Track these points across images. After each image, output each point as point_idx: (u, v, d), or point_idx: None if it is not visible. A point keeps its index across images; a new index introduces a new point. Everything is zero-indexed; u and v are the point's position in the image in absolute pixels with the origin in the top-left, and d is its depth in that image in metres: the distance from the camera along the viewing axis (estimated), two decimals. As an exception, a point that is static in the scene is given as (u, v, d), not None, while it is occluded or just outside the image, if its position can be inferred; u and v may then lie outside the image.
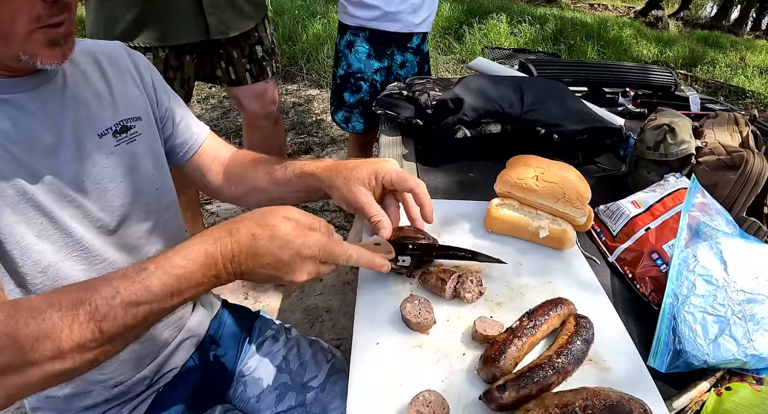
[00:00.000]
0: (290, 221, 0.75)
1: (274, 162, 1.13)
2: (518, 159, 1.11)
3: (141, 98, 1.06)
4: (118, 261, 0.98)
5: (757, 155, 1.14)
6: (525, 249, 1.02)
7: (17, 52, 0.78)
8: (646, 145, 1.29)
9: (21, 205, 0.83)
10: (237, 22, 1.97)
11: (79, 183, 0.91)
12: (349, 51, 2.14)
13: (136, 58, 1.09)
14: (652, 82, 2.16)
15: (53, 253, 0.88)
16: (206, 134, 1.21)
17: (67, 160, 0.90)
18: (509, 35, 7.27)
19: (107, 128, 0.97)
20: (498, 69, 1.93)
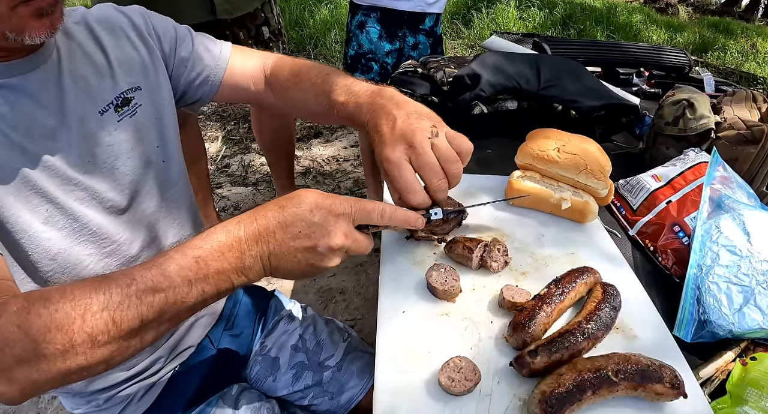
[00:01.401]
0: (314, 191, 0.70)
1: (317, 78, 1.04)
2: (539, 132, 1.11)
3: (138, 59, 1.01)
4: (130, 240, 0.96)
5: (776, 130, 1.14)
6: (546, 221, 1.02)
7: (3, 31, 0.74)
8: (665, 120, 1.28)
9: (24, 193, 0.81)
10: (243, 2, 1.96)
11: (84, 164, 0.89)
12: (360, 31, 2.12)
13: (130, 15, 1.03)
14: (666, 62, 2.15)
15: (61, 239, 0.86)
16: (228, 54, 1.11)
17: (70, 142, 0.87)
18: (518, 20, 7.22)
19: (108, 103, 0.93)
20: (512, 47, 1.91)
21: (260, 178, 3.28)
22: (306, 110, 1.07)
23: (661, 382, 0.65)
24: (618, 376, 0.64)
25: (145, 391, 1.08)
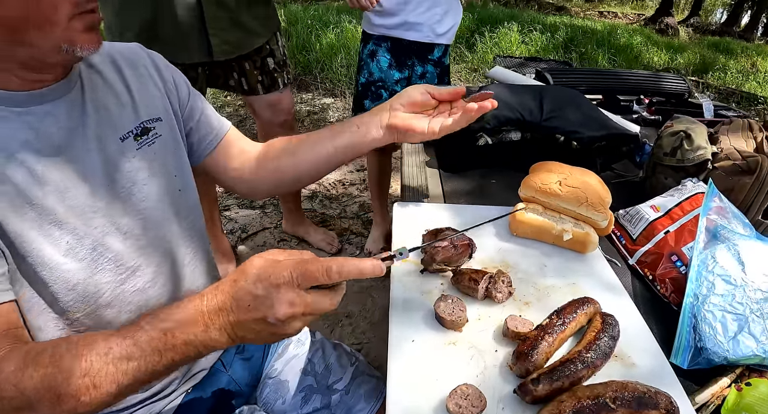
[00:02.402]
0: (263, 258, 0.72)
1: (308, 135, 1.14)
2: (541, 165, 1.16)
3: (160, 98, 1.06)
4: (146, 266, 0.98)
5: (771, 160, 1.18)
6: (549, 252, 1.06)
7: (59, 43, 0.79)
8: (663, 151, 1.32)
9: (45, 226, 0.83)
10: (243, 42, 2.01)
11: (104, 190, 0.91)
12: (371, 60, 2.18)
13: (155, 58, 1.08)
14: (665, 89, 2.20)
15: (81, 269, 0.88)
16: (228, 126, 1.20)
17: (91, 169, 0.90)
18: (520, 44, 7.31)
19: (128, 131, 0.96)
20: (515, 77, 1.97)
21: (267, 201, 3.31)
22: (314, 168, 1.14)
23: (657, 408, 0.69)
24: (615, 403, 0.68)
25: (158, 411, 1.11)
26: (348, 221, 3.19)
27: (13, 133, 0.81)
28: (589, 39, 7.94)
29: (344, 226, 3.13)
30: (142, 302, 0.97)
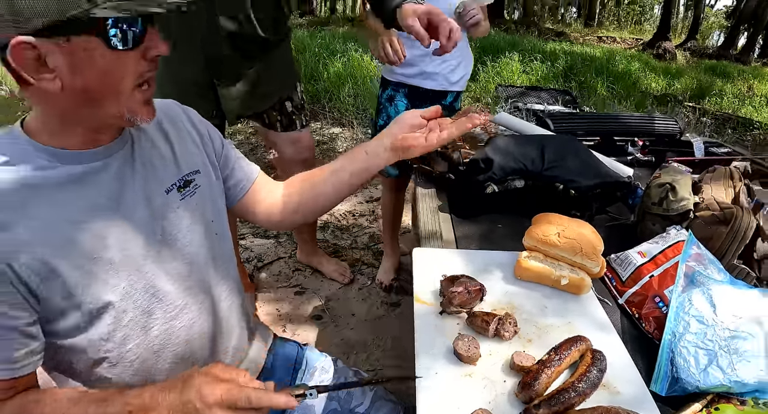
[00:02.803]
0: (208, 375, 0.90)
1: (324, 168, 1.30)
2: (542, 217, 1.33)
3: (198, 152, 1.17)
4: (190, 305, 1.10)
5: (745, 211, 1.34)
6: (549, 294, 1.23)
7: (123, 110, 0.90)
8: (651, 200, 1.50)
9: (102, 276, 0.94)
10: (259, 106, 2.19)
11: (154, 239, 1.02)
12: (389, 104, 2.37)
13: (190, 115, 1.20)
14: (658, 130, 2.38)
15: (134, 310, 0.99)
16: (257, 172, 1.33)
17: (142, 221, 1.00)
18: (521, 73, 7.51)
19: (172, 184, 1.07)
20: (519, 124, 2.14)
21: (281, 231, 3.44)
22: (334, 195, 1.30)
23: (637, 429, 0.86)
24: (602, 425, 0.85)
25: None
26: (359, 252, 3.32)
27: (73, 190, 0.92)
28: (588, 67, 8.13)
29: (356, 256, 3.26)
30: (189, 336, 1.10)
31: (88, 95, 0.87)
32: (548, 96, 6.16)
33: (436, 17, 1.31)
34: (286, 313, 2.76)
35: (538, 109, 5.69)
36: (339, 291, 2.94)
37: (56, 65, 0.81)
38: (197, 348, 1.13)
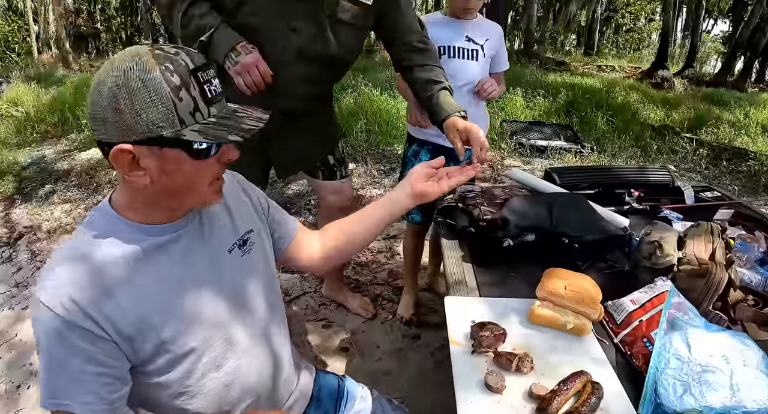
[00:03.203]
0: None
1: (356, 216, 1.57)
2: (551, 272, 1.62)
3: (250, 214, 1.36)
4: (258, 348, 1.31)
5: (719, 267, 1.64)
6: (557, 336, 1.51)
7: (199, 200, 1.13)
8: (642, 255, 1.78)
9: (187, 328, 1.13)
10: (305, 163, 2.48)
11: (225, 293, 1.22)
12: (414, 159, 2.68)
13: (239, 179, 1.39)
14: (652, 181, 2.64)
15: (211, 352, 1.18)
16: (298, 225, 1.55)
17: (215, 278, 1.20)
18: (525, 109, 7.83)
19: (233, 244, 1.26)
20: (530, 179, 2.44)
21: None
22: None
23: (626, 445, 1.15)
24: (601, 442, 1.14)
25: None
26: (379, 287, 3.55)
27: (159, 258, 1.11)
28: (588, 101, 8.40)
29: (376, 292, 3.50)
30: (252, 372, 1.29)
31: (171, 190, 1.07)
32: (551, 131, 6.54)
33: (473, 135, 1.71)
34: (317, 346, 2.99)
35: (541, 144, 6.05)
36: (363, 325, 3.17)
37: (147, 166, 1.01)
38: (259, 381, 1.32)
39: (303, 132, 2.34)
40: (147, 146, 0.99)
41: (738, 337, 1.44)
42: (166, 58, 0.97)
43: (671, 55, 20.04)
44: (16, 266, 4.11)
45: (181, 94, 0.97)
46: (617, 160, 6.39)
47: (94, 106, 0.97)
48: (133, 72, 0.94)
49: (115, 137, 0.98)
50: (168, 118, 0.97)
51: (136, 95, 0.94)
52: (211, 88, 1.03)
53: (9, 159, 6.46)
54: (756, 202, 5.75)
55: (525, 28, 17.66)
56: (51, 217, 4.91)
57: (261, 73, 1.88)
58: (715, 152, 7.50)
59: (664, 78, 14.37)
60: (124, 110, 0.95)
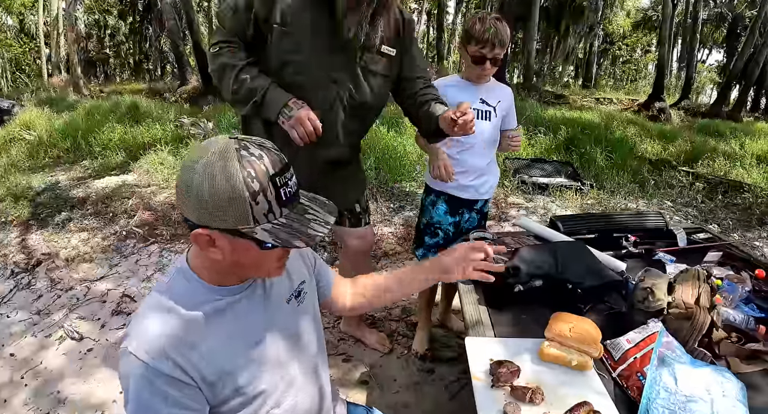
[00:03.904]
0: None
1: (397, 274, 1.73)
2: (558, 315, 1.87)
3: (302, 266, 1.53)
4: (310, 384, 1.48)
5: (703, 310, 1.89)
6: (564, 371, 1.75)
7: (265, 275, 1.31)
8: (637, 299, 2.03)
9: (257, 371, 1.29)
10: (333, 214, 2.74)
11: (286, 338, 1.39)
12: (432, 207, 2.95)
13: None
14: (647, 226, 2.89)
15: (273, 388, 1.34)
16: (335, 274, 1.72)
17: (279, 326, 1.37)
18: (527, 146, 8.12)
19: (290, 295, 1.45)
20: (537, 228, 2.70)
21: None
22: None
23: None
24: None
25: None
26: (395, 324, 3.74)
27: (234, 314, 1.28)
28: (587, 136, 8.70)
29: (392, 328, 3.69)
30: (306, 403, 1.46)
31: (240, 266, 1.24)
32: (552, 168, 6.83)
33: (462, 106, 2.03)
34: (338, 378, 3.18)
35: (543, 182, 6.32)
36: (380, 359, 3.36)
37: (221, 247, 1.16)
38: (311, 410, 1.50)
39: (340, 180, 2.60)
40: (224, 234, 1.14)
41: (719, 371, 1.69)
42: (250, 163, 1.10)
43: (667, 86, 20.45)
44: (36, 293, 4.24)
45: (258, 199, 1.10)
46: (616, 196, 6.61)
47: (185, 186, 1.11)
48: (219, 173, 1.07)
49: (197, 220, 1.12)
50: (243, 217, 1.11)
51: (218, 195, 1.08)
52: (286, 190, 1.16)
53: (23, 183, 6.65)
54: (749, 235, 5.99)
55: (525, 63, 18.10)
56: (68, 245, 5.05)
57: (312, 125, 2.15)
58: (711, 185, 7.75)
59: (660, 110, 14.71)
60: (208, 203, 1.09)
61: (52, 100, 14.08)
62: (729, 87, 19.38)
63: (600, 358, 1.84)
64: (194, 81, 19.87)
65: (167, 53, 35.87)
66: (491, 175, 2.91)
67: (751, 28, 19.21)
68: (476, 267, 1.61)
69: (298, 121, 2.11)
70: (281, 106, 2.14)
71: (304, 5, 2.16)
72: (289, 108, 2.13)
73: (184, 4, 18.49)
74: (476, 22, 2.57)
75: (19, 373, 3.28)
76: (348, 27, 2.16)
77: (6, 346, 3.55)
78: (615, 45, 32.01)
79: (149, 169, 7.30)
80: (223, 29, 2.24)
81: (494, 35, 2.53)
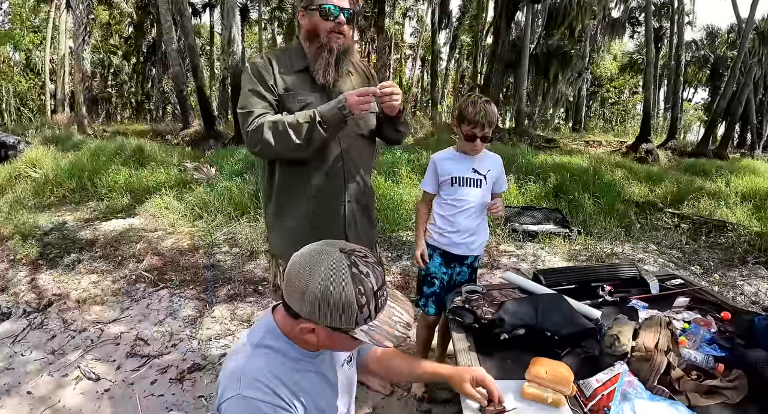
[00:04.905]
0: None
1: (411, 359, 2.04)
2: (536, 360, 2.19)
3: None
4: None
5: (660, 353, 2.21)
6: (542, 408, 2.04)
7: (343, 351, 1.68)
8: (605, 344, 2.37)
9: (330, 410, 1.62)
10: None
11: (343, 393, 1.72)
12: (429, 260, 3.31)
13: None
14: (621, 276, 3.22)
15: None
16: (371, 346, 2.01)
17: (340, 385, 1.70)
18: (518, 194, 8.49)
19: (345, 360, 1.78)
20: (519, 281, 3.04)
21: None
22: None
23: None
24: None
25: None
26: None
27: (313, 372, 1.61)
28: (576, 182, 9.05)
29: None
30: None
31: (329, 347, 1.57)
32: (541, 216, 7.20)
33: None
34: None
35: (533, 230, 6.67)
36: (382, 401, 3.64)
37: (319, 335, 1.44)
38: None
39: (363, 219, 2.89)
40: (324, 328, 1.42)
41: (674, 405, 2.02)
42: (361, 281, 1.37)
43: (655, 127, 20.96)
44: (50, 334, 4.36)
45: (363, 309, 1.38)
46: (603, 241, 6.92)
47: (300, 291, 1.39)
48: (334, 286, 1.35)
49: (307, 316, 1.41)
50: (348, 321, 1.38)
51: (332, 304, 1.36)
52: (382, 299, 1.44)
53: (30, 222, 6.88)
54: (731, 274, 6.29)
55: (516, 108, 18.67)
56: (79, 287, 5.19)
57: (362, 95, 2.40)
58: (695, 226, 8.07)
59: (648, 151, 15.09)
60: (321, 308, 1.37)
61: (58, 138, 14.35)
62: (714, 125, 19.88)
63: (573, 396, 2.15)
64: (196, 124, 20.49)
65: (169, 94, 36.56)
66: (481, 234, 3.28)
67: (731, 69, 19.87)
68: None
69: (357, 105, 2.38)
70: (338, 111, 2.40)
71: (289, 70, 2.60)
72: (341, 107, 2.40)
73: (190, 52, 19.23)
74: (468, 105, 2.99)
75: (38, 410, 3.40)
76: (319, 75, 2.58)
77: (23, 384, 3.66)
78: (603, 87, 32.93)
79: (155, 214, 7.59)
80: (254, 111, 2.55)
81: (484, 117, 2.95)
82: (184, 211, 7.62)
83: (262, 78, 2.55)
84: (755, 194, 9.74)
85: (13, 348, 4.15)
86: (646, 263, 6.10)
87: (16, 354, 4.06)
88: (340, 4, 2.50)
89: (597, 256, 6.30)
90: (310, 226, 2.66)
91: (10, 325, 4.55)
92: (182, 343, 4.24)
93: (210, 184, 8.83)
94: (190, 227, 7.13)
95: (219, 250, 6.32)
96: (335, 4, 2.48)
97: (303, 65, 2.62)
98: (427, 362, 2.05)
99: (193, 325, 4.54)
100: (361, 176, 2.83)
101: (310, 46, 2.59)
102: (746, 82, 19.31)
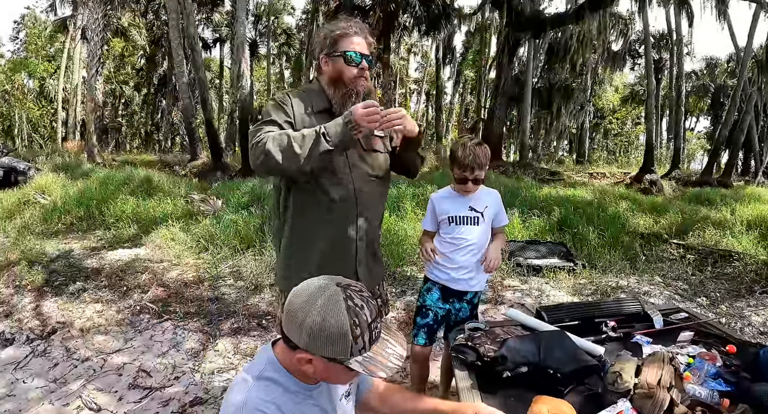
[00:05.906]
0: None
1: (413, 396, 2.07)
2: (538, 398, 2.19)
3: None
4: None
5: (662, 390, 2.21)
6: None
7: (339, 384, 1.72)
8: (608, 381, 2.36)
9: None
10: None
11: None
12: (427, 293, 3.34)
13: None
14: (624, 311, 3.22)
15: None
16: (373, 380, 2.02)
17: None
18: (522, 228, 8.50)
19: (342, 394, 1.81)
20: (522, 318, 3.05)
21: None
22: None
23: None
24: None
25: None
26: None
27: (311, 402, 1.65)
28: (580, 215, 9.06)
29: None
30: None
31: (325, 379, 1.62)
32: (546, 250, 7.19)
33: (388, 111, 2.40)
34: None
35: (537, 264, 6.66)
36: None
37: (316, 366, 1.52)
38: None
39: (372, 256, 2.92)
40: (320, 359, 1.48)
41: (678, 442, 2.02)
42: (356, 313, 1.46)
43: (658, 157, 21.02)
44: (52, 362, 4.34)
45: (358, 340, 1.46)
46: (608, 274, 6.89)
47: (298, 323, 1.48)
48: (331, 318, 1.44)
49: (304, 347, 1.49)
50: (344, 352, 1.46)
51: (328, 336, 1.44)
52: (376, 331, 1.53)
53: (37, 248, 6.90)
54: (738, 304, 6.25)
55: (519, 141, 18.81)
56: (83, 316, 5.20)
57: (368, 107, 2.35)
58: (701, 256, 8.00)
59: (652, 182, 15.10)
60: (318, 339, 1.45)
61: (68, 166, 14.49)
62: (717, 154, 19.95)
63: (577, 429, 2.16)
64: (204, 156, 20.74)
65: (177, 126, 37.00)
66: (481, 271, 3.29)
67: (732, 97, 20.01)
68: None
69: (364, 117, 2.35)
70: (345, 126, 2.38)
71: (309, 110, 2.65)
72: (349, 123, 2.37)
73: (200, 85, 19.57)
74: (458, 149, 3.05)
75: (39, 439, 3.41)
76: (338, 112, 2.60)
77: (24, 411, 3.64)
78: (606, 119, 33.15)
79: (161, 244, 7.63)
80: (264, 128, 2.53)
81: (473, 161, 3.02)
82: (190, 243, 7.66)
83: (283, 111, 2.61)
84: (761, 222, 9.66)
85: (15, 374, 4.16)
86: (652, 296, 6.09)
87: (18, 381, 4.06)
88: (362, 51, 2.58)
89: (602, 290, 6.26)
90: (322, 265, 2.68)
91: (13, 352, 4.55)
92: (185, 376, 4.22)
93: (216, 217, 8.89)
94: (195, 259, 7.14)
95: (224, 282, 6.33)
96: (357, 51, 2.56)
97: (323, 106, 2.68)
98: (429, 398, 2.07)
99: (196, 358, 4.52)
100: (374, 217, 2.86)
101: (335, 91, 2.64)
102: (747, 110, 19.39)
